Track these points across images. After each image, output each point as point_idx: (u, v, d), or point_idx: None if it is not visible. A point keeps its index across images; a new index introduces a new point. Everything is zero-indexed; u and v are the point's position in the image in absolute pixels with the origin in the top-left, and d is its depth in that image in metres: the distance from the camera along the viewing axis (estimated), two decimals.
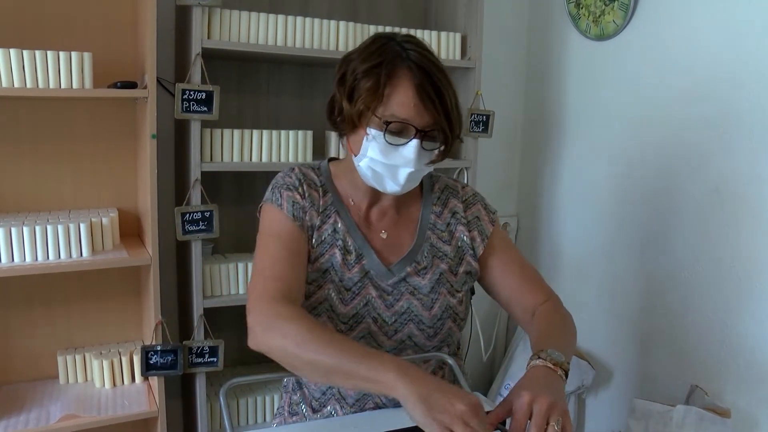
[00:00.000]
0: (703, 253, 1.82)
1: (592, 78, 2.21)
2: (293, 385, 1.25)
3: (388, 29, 1.92)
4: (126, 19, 1.81)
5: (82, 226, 1.64)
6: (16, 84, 1.52)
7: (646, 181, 2.01)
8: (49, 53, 1.53)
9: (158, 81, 1.72)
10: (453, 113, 1.09)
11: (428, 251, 1.19)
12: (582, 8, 2.19)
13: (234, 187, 2.09)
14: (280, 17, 1.81)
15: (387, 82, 1.05)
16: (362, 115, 1.07)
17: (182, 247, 1.90)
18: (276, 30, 1.81)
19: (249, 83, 2.07)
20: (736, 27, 1.71)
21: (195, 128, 1.72)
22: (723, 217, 1.77)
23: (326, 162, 1.25)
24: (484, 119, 2.10)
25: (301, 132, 1.88)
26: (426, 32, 2.01)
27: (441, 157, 1.14)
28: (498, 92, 2.29)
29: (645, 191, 2.02)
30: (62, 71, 1.55)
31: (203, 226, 1.75)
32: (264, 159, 1.85)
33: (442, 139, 1.10)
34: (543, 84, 2.43)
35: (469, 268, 1.21)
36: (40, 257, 1.59)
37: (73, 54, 1.56)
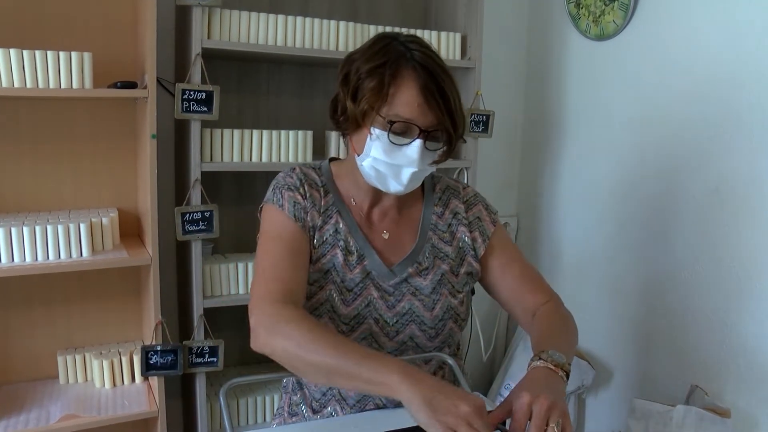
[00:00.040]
0: (703, 253, 1.82)
1: (592, 78, 2.21)
2: (293, 386, 1.25)
3: (388, 29, 1.92)
4: (126, 19, 1.81)
5: (82, 226, 1.64)
6: (16, 84, 1.52)
7: (646, 181, 2.01)
8: (49, 53, 1.53)
9: (158, 81, 1.72)
10: (457, 113, 1.09)
11: (430, 252, 1.19)
12: (582, 8, 2.18)
13: (234, 187, 2.09)
14: (280, 17, 1.80)
15: (391, 82, 1.05)
16: (366, 115, 1.07)
17: (182, 247, 1.90)
18: (276, 30, 1.81)
19: (249, 83, 2.07)
20: (736, 27, 1.71)
21: (195, 128, 1.72)
22: (723, 217, 1.77)
23: (327, 162, 1.24)
24: (484, 119, 2.10)
25: (301, 132, 1.88)
26: (426, 32, 2.01)
27: (444, 157, 1.14)
28: (498, 92, 2.29)
29: (645, 191, 2.02)
30: (62, 71, 1.55)
31: (203, 226, 1.75)
32: (264, 159, 1.85)
33: (446, 139, 1.10)
34: (543, 84, 2.43)
35: (470, 269, 1.21)
36: (40, 257, 1.59)
37: (73, 54, 1.56)
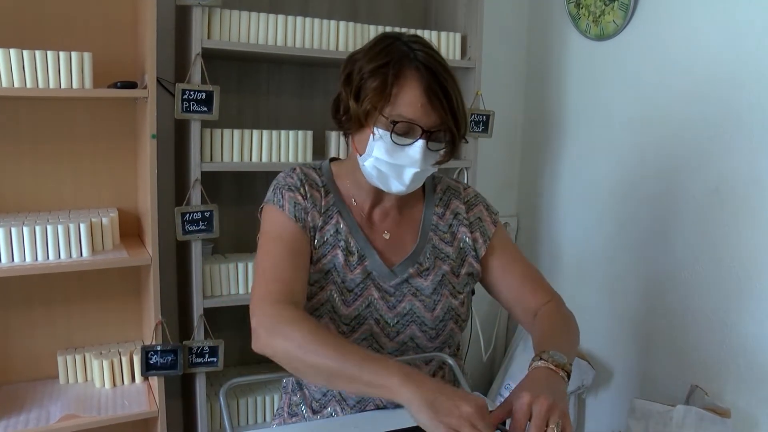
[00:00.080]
0: (703, 253, 1.82)
1: (592, 78, 2.21)
2: (293, 386, 1.25)
3: (388, 29, 1.92)
4: (126, 19, 1.81)
5: (82, 226, 1.64)
6: (16, 84, 1.52)
7: (646, 181, 2.01)
8: (49, 53, 1.53)
9: (158, 81, 1.71)
10: (459, 113, 1.09)
11: (430, 252, 1.19)
12: (582, 8, 2.18)
13: (234, 187, 2.09)
14: (280, 17, 1.80)
15: (394, 82, 1.05)
16: (369, 115, 1.07)
17: (182, 247, 1.90)
18: (276, 30, 1.81)
19: (249, 83, 2.07)
20: (736, 27, 1.71)
21: (195, 128, 1.72)
22: (723, 217, 1.77)
23: (327, 162, 1.24)
24: (484, 119, 2.10)
25: (301, 132, 1.88)
26: (426, 32, 2.00)
27: (447, 158, 1.14)
28: (498, 92, 2.29)
29: (645, 191, 2.02)
30: (62, 71, 1.55)
31: (203, 226, 1.75)
32: (264, 159, 1.85)
33: (449, 139, 1.10)
34: (543, 84, 2.43)
35: (471, 270, 1.21)
36: (40, 257, 1.59)
37: (73, 54, 1.56)
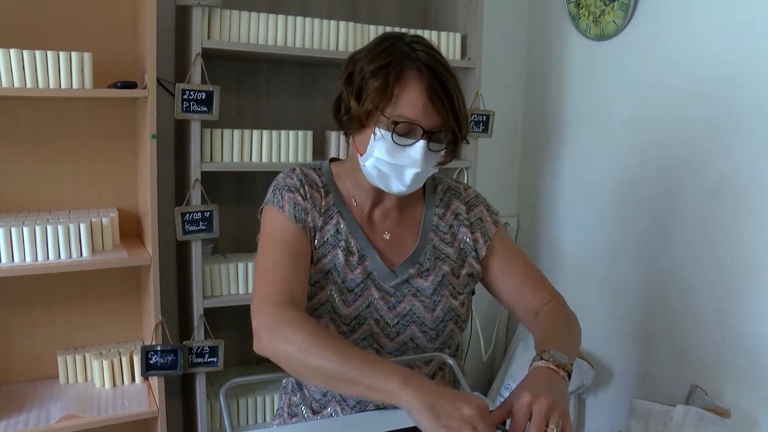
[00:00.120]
0: (703, 253, 1.82)
1: (592, 78, 2.21)
2: (293, 387, 1.24)
3: (388, 29, 1.92)
4: (126, 19, 1.81)
5: (82, 226, 1.64)
6: (16, 84, 1.52)
7: (646, 181, 2.01)
8: (49, 53, 1.53)
9: (158, 81, 1.71)
10: (461, 114, 1.09)
11: (431, 253, 1.18)
12: (582, 8, 2.18)
13: (234, 187, 2.09)
14: (280, 17, 1.80)
15: (396, 83, 1.05)
16: (370, 115, 1.07)
17: (182, 247, 1.90)
18: (276, 30, 1.81)
19: (249, 83, 2.07)
20: (736, 27, 1.71)
21: (195, 128, 1.72)
22: (723, 217, 1.77)
23: (327, 162, 1.24)
24: (484, 119, 2.10)
25: (301, 132, 1.88)
26: (426, 32, 2.00)
27: (449, 158, 1.14)
28: (498, 92, 2.29)
29: (645, 191, 2.02)
30: (62, 71, 1.55)
31: (203, 226, 1.75)
32: (264, 159, 1.85)
33: (450, 140, 1.10)
34: (543, 84, 2.43)
35: (472, 270, 1.21)
36: (40, 257, 1.59)
37: (73, 54, 1.56)
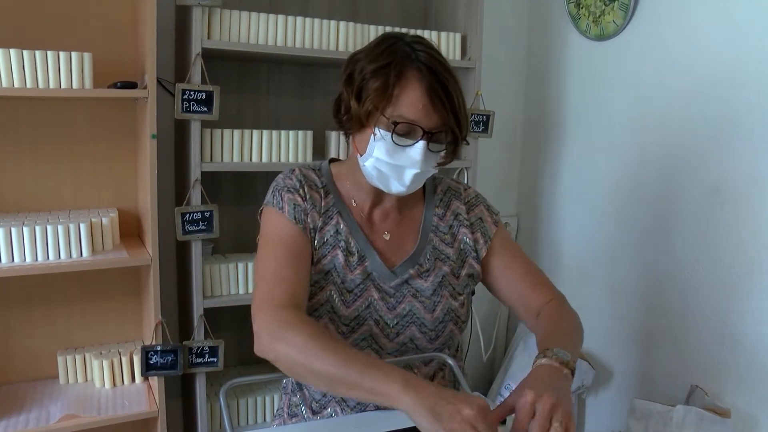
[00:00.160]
0: (703, 253, 1.82)
1: (592, 78, 2.21)
2: (293, 387, 1.24)
3: (388, 29, 1.92)
4: (126, 19, 1.81)
5: (82, 226, 1.64)
6: (16, 84, 1.52)
7: (646, 181, 2.01)
8: (49, 53, 1.53)
9: (158, 81, 1.71)
10: (461, 114, 1.08)
11: (431, 253, 1.18)
12: (582, 8, 2.18)
13: (234, 187, 2.09)
14: (280, 17, 1.80)
15: (396, 83, 1.05)
16: (370, 115, 1.07)
17: (182, 247, 1.90)
18: (276, 30, 1.81)
19: (249, 83, 2.07)
20: (736, 27, 1.71)
21: (195, 128, 1.72)
22: (723, 217, 1.77)
23: (327, 163, 1.24)
24: (484, 119, 2.10)
25: (301, 132, 1.88)
26: (426, 32, 2.00)
27: (450, 159, 1.14)
28: (498, 92, 2.29)
29: (645, 191, 2.02)
30: (62, 71, 1.55)
31: (203, 226, 1.75)
32: (264, 159, 1.85)
33: (451, 140, 1.10)
34: (543, 84, 2.43)
35: (471, 271, 1.21)
36: (40, 257, 1.59)
37: (73, 54, 1.56)
